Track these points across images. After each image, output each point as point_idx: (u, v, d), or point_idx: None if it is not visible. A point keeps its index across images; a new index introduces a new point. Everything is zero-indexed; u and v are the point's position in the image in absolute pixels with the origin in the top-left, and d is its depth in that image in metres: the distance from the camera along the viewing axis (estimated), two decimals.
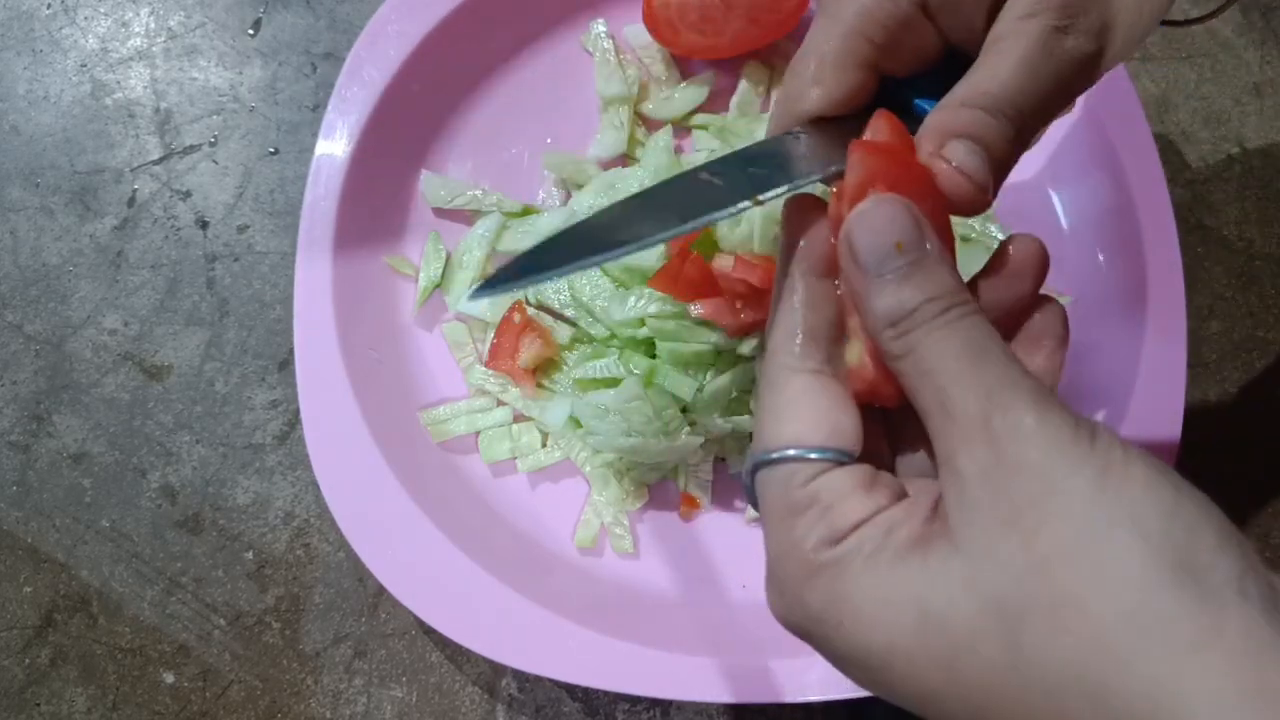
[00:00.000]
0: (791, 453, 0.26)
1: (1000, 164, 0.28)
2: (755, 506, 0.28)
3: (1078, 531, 0.22)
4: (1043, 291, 0.55)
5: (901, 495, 0.27)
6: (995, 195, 0.28)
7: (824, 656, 0.26)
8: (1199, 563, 0.21)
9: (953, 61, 0.31)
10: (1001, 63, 0.28)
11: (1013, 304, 0.29)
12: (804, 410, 0.27)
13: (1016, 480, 0.23)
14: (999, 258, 0.29)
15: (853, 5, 0.30)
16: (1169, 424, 0.50)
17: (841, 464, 0.26)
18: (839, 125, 0.30)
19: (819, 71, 0.30)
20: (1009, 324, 0.29)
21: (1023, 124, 0.28)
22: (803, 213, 0.29)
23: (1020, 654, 0.22)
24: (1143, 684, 0.20)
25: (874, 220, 0.26)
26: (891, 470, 0.29)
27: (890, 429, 0.30)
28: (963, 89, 0.28)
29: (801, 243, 0.28)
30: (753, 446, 0.28)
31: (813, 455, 0.26)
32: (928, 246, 0.26)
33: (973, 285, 0.29)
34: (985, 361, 0.24)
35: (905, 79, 0.31)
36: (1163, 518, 0.22)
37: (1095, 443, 0.23)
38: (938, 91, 0.30)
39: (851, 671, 0.25)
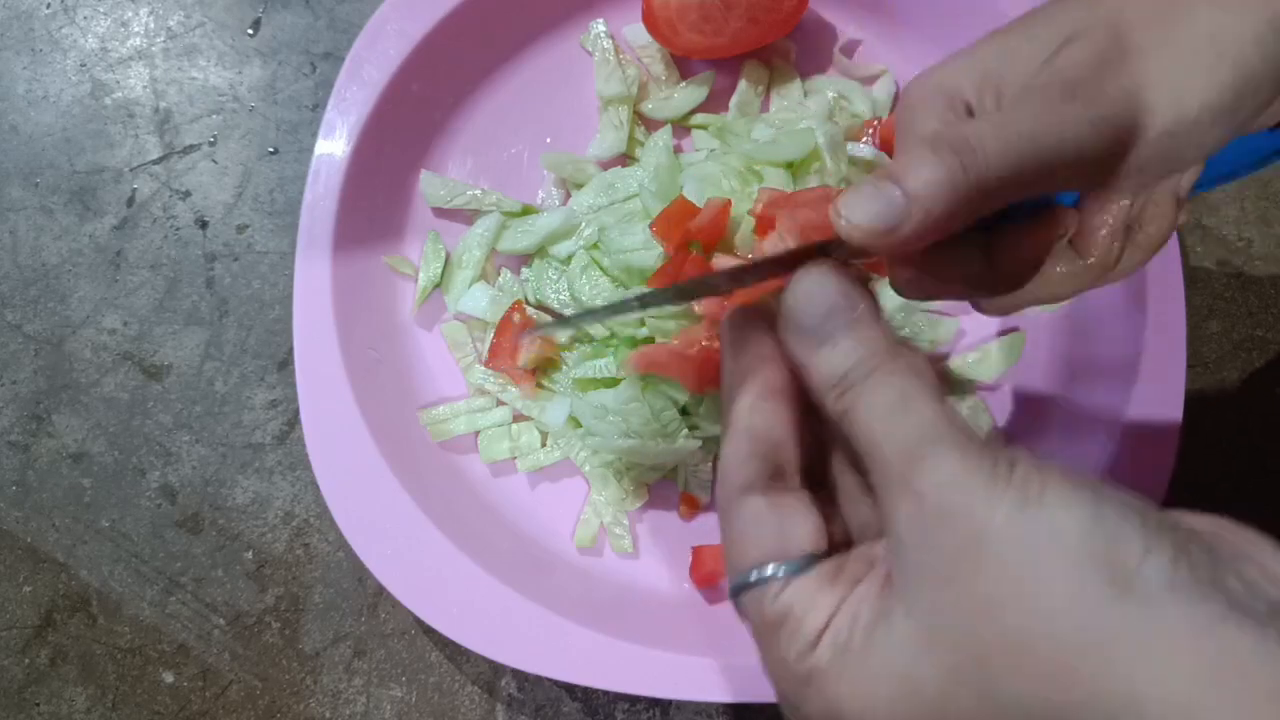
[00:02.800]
0: (765, 573, 0.28)
1: (936, 217, 0.27)
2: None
3: (1009, 571, 0.23)
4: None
5: (867, 570, 0.27)
6: (915, 248, 0.27)
7: None
8: (1127, 569, 0.22)
9: None
10: (993, 119, 0.28)
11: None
12: (760, 533, 0.28)
13: (943, 531, 0.24)
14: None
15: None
16: (1169, 424, 0.50)
17: (808, 568, 0.27)
18: None
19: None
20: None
21: (989, 183, 0.27)
22: (736, 329, 0.30)
23: (993, 698, 0.23)
24: (1104, 701, 0.21)
25: (803, 287, 0.27)
26: None
27: None
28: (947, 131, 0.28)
29: (734, 364, 0.30)
30: (727, 573, 0.29)
31: (778, 573, 0.27)
32: (857, 309, 0.27)
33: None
34: (908, 413, 0.25)
35: None
36: (1084, 536, 0.22)
37: (1013, 474, 0.24)
38: None
39: None
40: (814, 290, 0.27)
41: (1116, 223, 0.31)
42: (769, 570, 0.27)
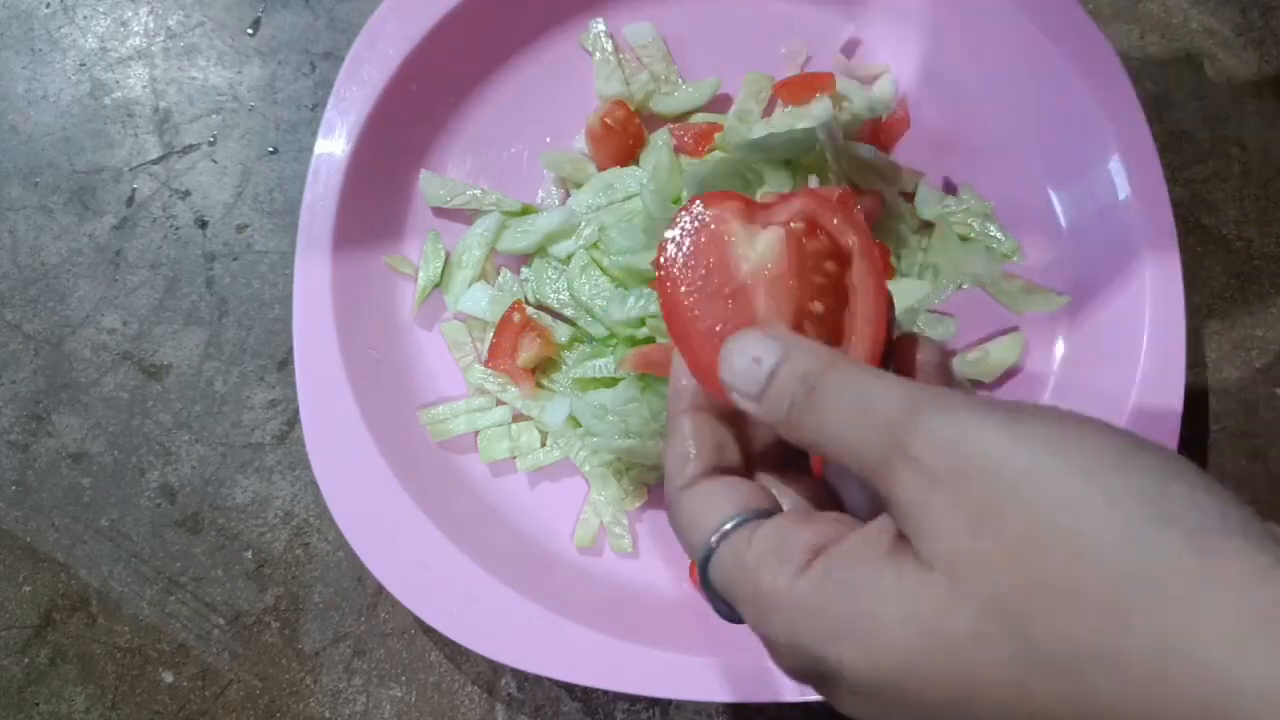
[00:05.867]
0: (728, 525, 0.28)
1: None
2: (724, 613, 0.29)
3: (1043, 512, 0.22)
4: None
5: (841, 527, 0.27)
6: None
7: (838, 701, 0.26)
8: (1173, 509, 0.21)
9: None
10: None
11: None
12: (715, 500, 0.29)
13: (962, 484, 0.23)
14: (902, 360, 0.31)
15: None
16: (1168, 424, 0.50)
17: (776, 516, 0.28)
18: None
19: None
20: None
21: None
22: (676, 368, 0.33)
23: (1031, 639, 0.22)
24: (1150, 640, 0.20)
25: (730, 356, 0.29)
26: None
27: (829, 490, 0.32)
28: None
29: (674, 385, 0.32)
30: (692, 555, 0.30)
31: (745, 519, 0.28)
32: (779, 352, 0.28)
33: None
34: (871, 405, 0.25)
35: None
36: (1117, 473, 0.22)
37: (1023, 418, 0.23)
38: None
39: (868, 705, 0.25)
40: (734, 356, 0.29)
41: None
42: (734, 521, 0.28)
